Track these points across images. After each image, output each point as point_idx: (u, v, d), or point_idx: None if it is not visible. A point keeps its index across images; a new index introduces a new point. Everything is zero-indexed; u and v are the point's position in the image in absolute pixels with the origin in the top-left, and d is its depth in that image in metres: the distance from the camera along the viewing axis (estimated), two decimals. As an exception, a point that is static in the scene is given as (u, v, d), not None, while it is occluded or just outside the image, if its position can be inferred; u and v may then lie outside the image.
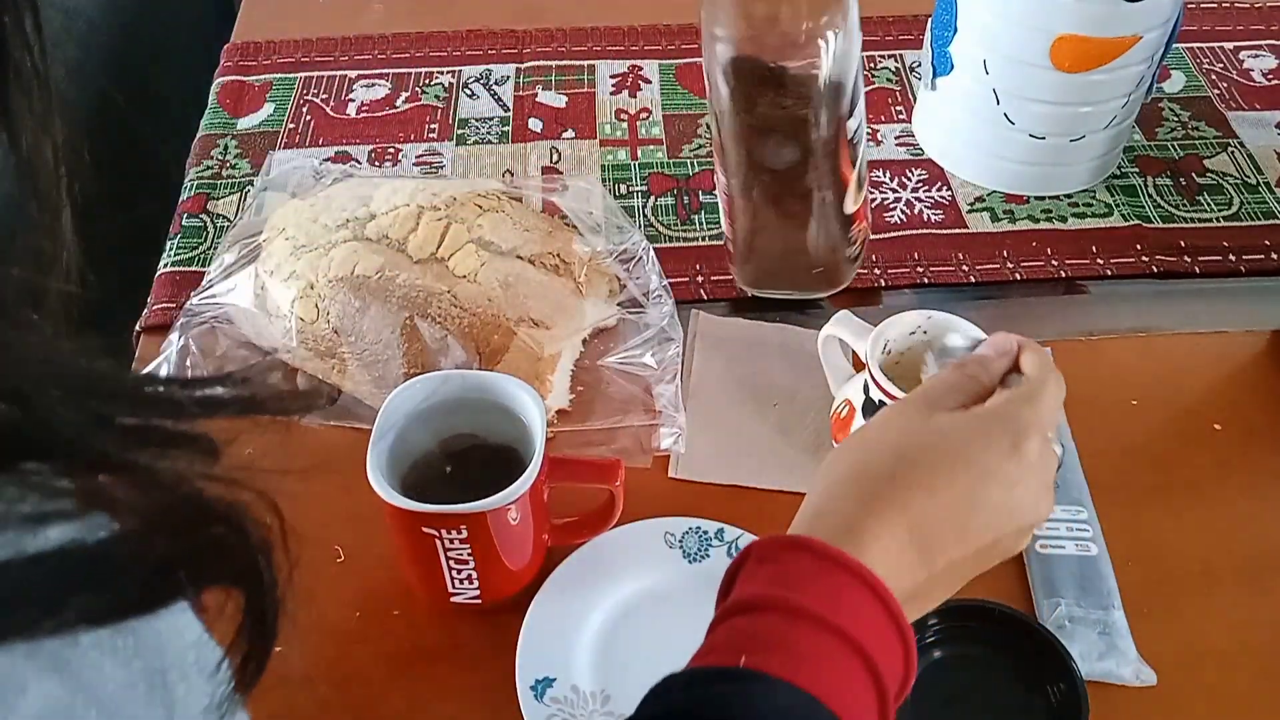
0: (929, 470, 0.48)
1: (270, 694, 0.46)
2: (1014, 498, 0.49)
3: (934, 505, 0.47)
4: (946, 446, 0.49)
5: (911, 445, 0.49)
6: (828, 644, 0.43)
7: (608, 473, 0.65)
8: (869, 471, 0.49)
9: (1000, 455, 0.49)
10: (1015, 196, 0.93)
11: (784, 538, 0.47)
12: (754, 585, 0.46)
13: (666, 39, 1.09)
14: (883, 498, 0.47)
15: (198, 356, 0.77)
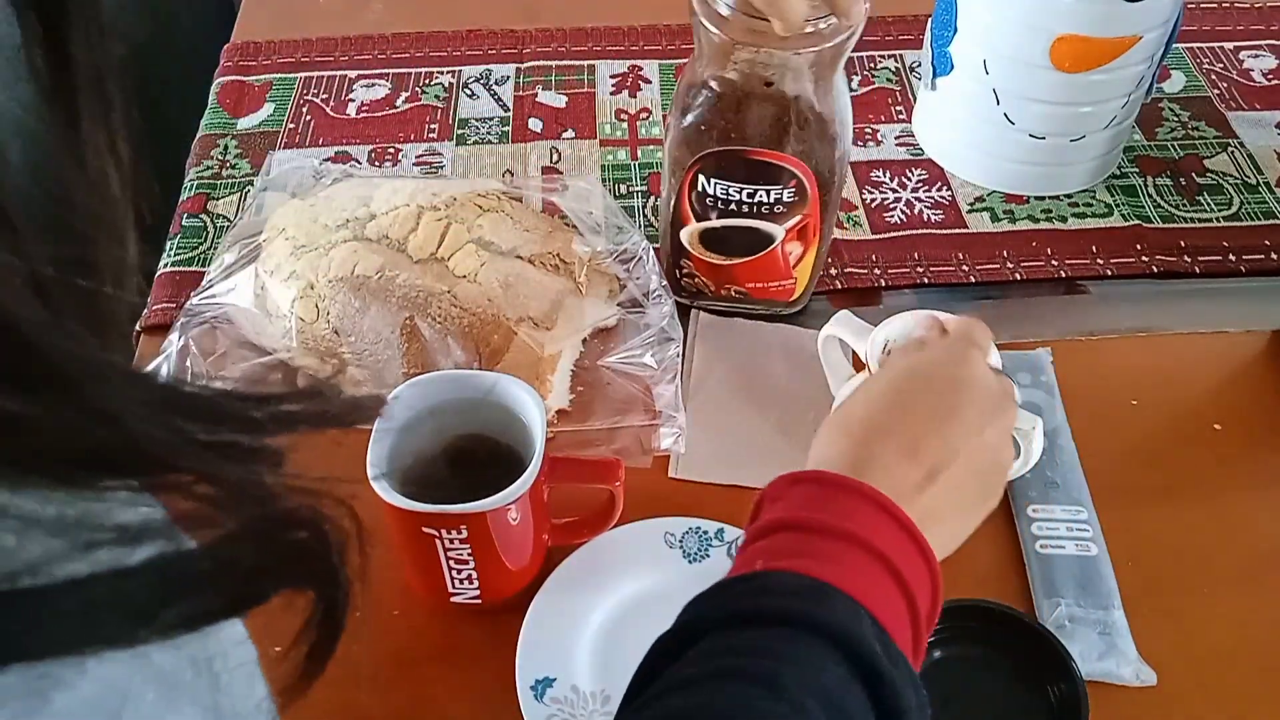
0: (896, 397, 0.54)
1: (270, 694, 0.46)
2: (972, 399, 0.54)
3: (911, 417, 0.53)
4: (902, 379, 0.55)
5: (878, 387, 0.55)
6: (853, 554, 0.46)
7: (608, 473, 0.65)
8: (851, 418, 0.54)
9: (947, 367, 0.55)
10: (1015, 196, 0.93)
11: (790, 475, 0.50)
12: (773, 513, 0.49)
13: (666, 39, 1.09)
14: (867, 431, 0.52)
15: (198, 356, 0.77)
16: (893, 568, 0.46)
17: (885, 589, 0.46)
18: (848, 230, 0.90)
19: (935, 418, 0.53)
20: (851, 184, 0.94)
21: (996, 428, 0.54)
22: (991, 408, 0.54)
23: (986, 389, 0.55)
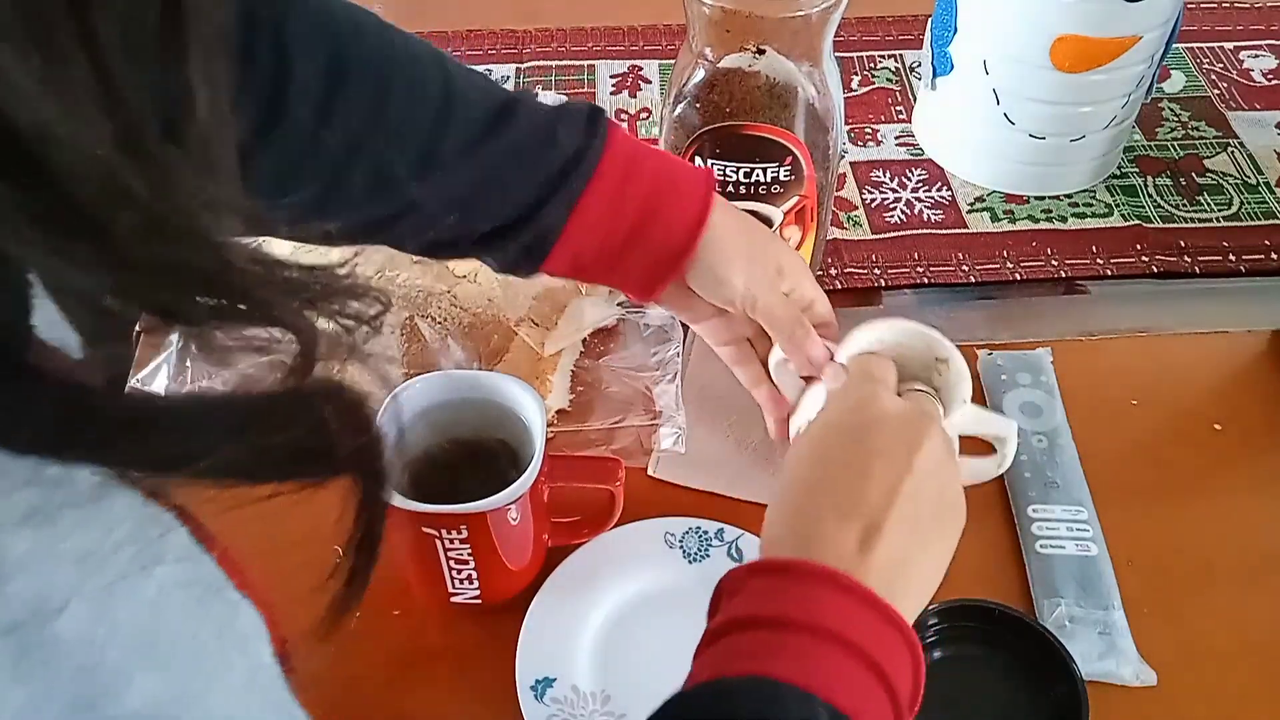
0: (817, 461, 0.53)
1: (270, 694, 0.46)
2: (886, 436, 0.52)
3: (834, 477, 0.51)
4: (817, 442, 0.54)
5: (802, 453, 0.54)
6: (820, 646, 0.44)
7: (608, 473, 0.65)
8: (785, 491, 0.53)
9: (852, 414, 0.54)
10: (1015, 196, 0.93)
11: (745, 566, 0.49)
12: (731, 609, 0.48)
13: (666, 39, 1.09)
14: (802, 501, 0.51)
15: (197, 356, 0.77)
16: (864, 654, 0.44)
17: (854, 676, 0.44)
18: (848, 230, 0.90)
19: (855, 469, 0.51)
20: (851, 184, 0.94)
21: (924, 452, 0.51)
22: (910, 436, 0.52)
23: (898, 420, 0.53)
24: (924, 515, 0.50)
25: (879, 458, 0.51)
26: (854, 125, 0.99)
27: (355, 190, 0.57)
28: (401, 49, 0.59)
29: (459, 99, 0.59)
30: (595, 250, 0.60)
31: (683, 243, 0.60)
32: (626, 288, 0.63)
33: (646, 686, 0.62)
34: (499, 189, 0.59)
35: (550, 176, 0.59)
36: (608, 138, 0.60)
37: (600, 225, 0.60)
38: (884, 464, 0.50)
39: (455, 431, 0.66)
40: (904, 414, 0.54)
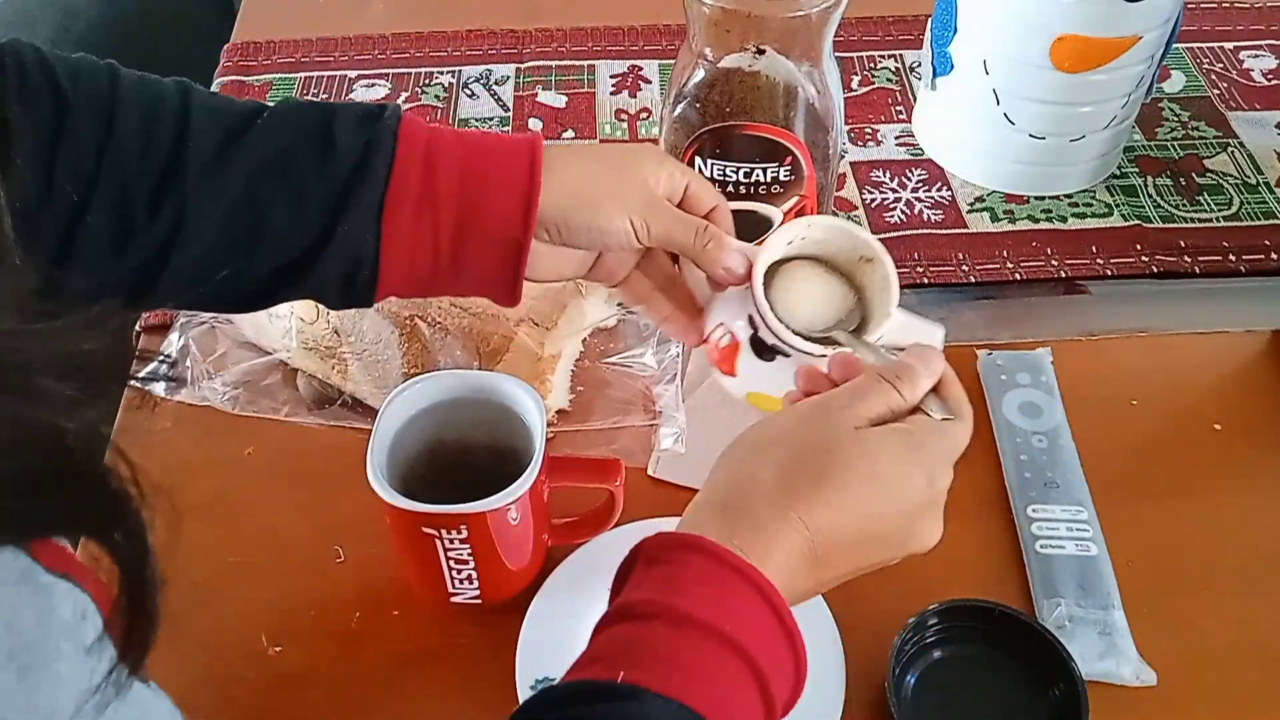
0: (845, 485, 0.47)
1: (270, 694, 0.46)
2: (913, 527, 0.49)
3: (840, 521, 0.47)
4: (867, 464, 0.47)
5: (837, 454, 0.48)
6: (714, 653, 0.43)
7: (608, 473, 0.65)
8: (795, 472, 0.47)
9: (915, 487, 0.48)
10: (1015, 196, 0.93)
11: (678, 537, 0.46)
12: (644, 589, 0.45)
13: (666, 39, 1.09)
14: (797, 505, 0.46)
15: (197, 356, 0.77)
16: (759, 674, 0.43)
17: (747, 698, 0.43)
18: (848, 230, 0.90)
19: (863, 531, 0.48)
20: (851, 184, 0.94)
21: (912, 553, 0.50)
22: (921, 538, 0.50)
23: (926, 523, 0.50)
24: (864, 572, 0.49)
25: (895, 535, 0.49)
26: (854, 125, 0.99)
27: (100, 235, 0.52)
28: (132, 80, 0.54)
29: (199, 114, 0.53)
30: (429, 257, 0.55)
31: (519, 217, 0.55)
32: (488, 290, 0.58)
33: (646, 686, 0.62)
34: (272, 204, 0.53)
35: (338, 184, 0.53)
36: (397, 131, 0.54)
37: (420, 228, 0.54)
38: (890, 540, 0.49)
39: (455, 432, 0.66)
40: (938, 508, 0.50)
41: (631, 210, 0.56)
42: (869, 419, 0.49)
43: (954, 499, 0.72)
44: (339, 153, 0.53)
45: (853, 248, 0.59)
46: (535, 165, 0.55)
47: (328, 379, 0.76)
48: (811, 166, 0.73)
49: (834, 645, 0.62)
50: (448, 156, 0.55)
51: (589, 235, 0.56)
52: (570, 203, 0.56)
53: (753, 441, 0.50)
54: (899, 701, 0.59)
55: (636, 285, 0.63)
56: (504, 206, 0.55)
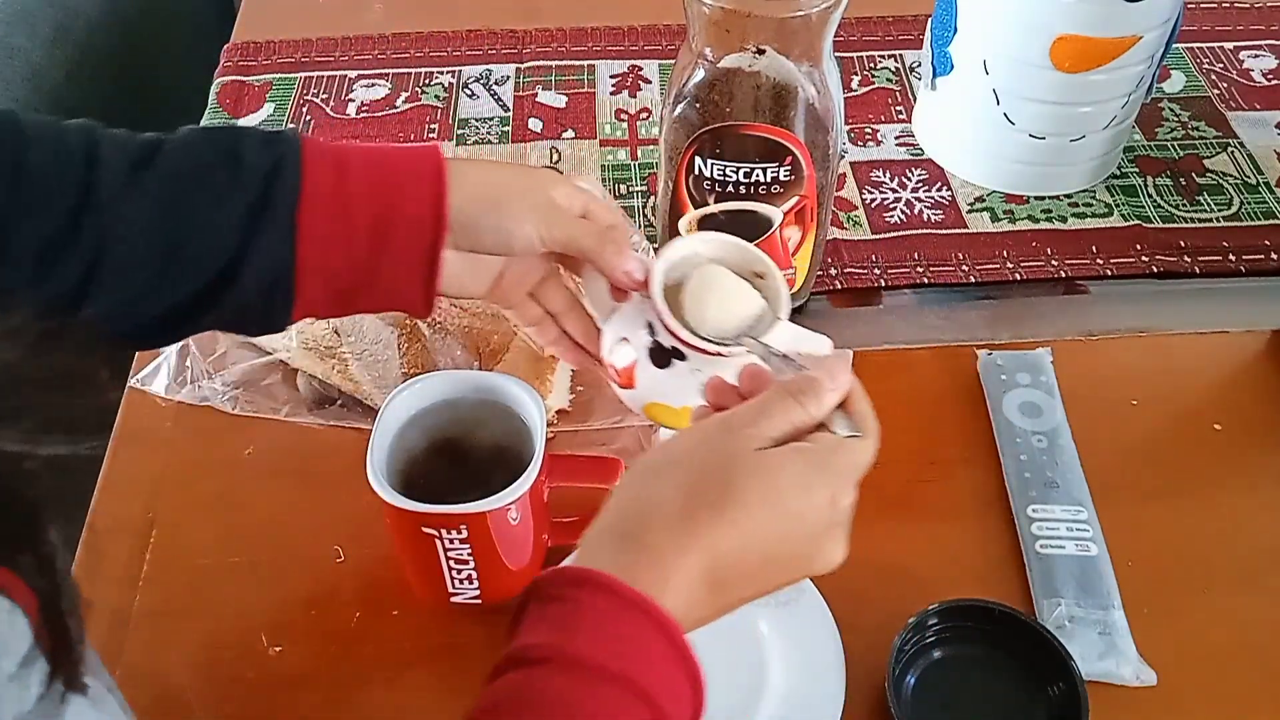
0: (746, 508, 0.46)
1: (271, 694, 0.46)
2: (816, 548, 0.48)
3: (741, 545, 0.46)
4: (769, 486, 0.46)
5: (738, 475, 0.46)
6: (609, 696, 0.42)
7: (608, 473, 0.65)
8: (696, 498, 0.46)
9: (817, 507, 0.47)
10: (1015, 196, 0.93)
11: (571, 572, 0.45)
12: (538, 631, 0.44)
13: (666, 39, 1.09)
14: (697, 530, 0.45)
15: (197, 356, 0.77)
16: (659, 712, 0.43)
17: None
18: (848, 230, 0.90)
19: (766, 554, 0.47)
20: (851, 184, 0.94)
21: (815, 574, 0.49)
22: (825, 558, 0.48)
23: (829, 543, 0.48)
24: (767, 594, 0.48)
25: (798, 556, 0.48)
26: (854, 125, 1.00)
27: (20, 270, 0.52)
28: (37, 121, 0.54)
29: (107, 146, 0.54)
30: (346, 267, 0.55)
31: (431, 218, 0.55)
32: (404, 299, 0.58)
33: (646, 686, 0.62)
34: (187, 224, 0.53)
35: (250, 197, 0.53)
36: (301, 146, 0.55)
37: (335, 236, 0.54)
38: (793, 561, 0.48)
39: (455, 432, 0.66)
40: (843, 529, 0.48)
41: (536, 213, 0.57)
42: (773, 437, 0.48)
43: (954, 499, 0.72)
44: (248, 168, 0.54)
45: (744, 262, 0.59)
46: (441, 168, 0.56)
47: (328, 379, 0.76)
48: (811, 166, 0.73)
49: (834, 645, 0.62)
50: (355, 165, 0.55)
51: (495, 237, 0.57)
52: (477, 206, 0.56)
53: (653, 464, 0.49)
54: (899, 701, 0.59)
55: (530, 310, 0.63)
56: (415, 209, 0.55)
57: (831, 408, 0.50)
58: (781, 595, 0.65)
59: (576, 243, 0.58)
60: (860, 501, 0.71)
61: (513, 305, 0.63)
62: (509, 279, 0.61)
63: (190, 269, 0.53)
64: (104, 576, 0.68)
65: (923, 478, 0.74)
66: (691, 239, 0.60)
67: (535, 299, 0.63)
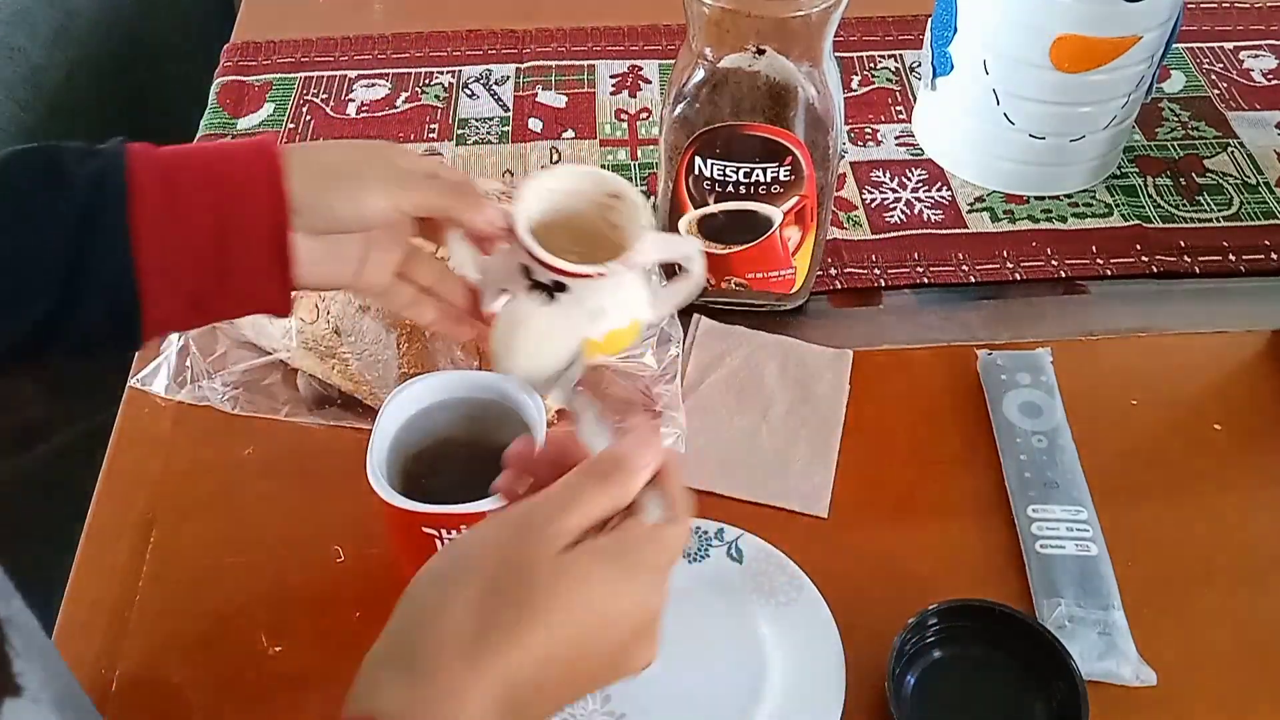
0: (548, 625, 0.42)
1: (271, 694, 0.46)
2: (625, 655, 0.45)
3: (542, 664, 0.42)
4: (570, 599, 0.43)
5: (537, 587, 0.42)
6: None
7: (608, 473, 0.65)
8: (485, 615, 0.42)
9: (625, 613, 0.44)
10: (1015, 196, 0.93)
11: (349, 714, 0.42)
12: None
13: (666, 39, 1.09)
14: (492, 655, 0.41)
15: (197, 356, 0.77)
16: None
17: None
18: (848, 230, 0.90)
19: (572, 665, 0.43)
20: (851, 184, 0.94)
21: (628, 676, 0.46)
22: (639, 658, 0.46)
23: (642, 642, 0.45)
24: None
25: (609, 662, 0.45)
26: (854, 125, 1.00)
27: None
28: None
29: None
30: (192, 271, 0.52)
31: (270, 202, 0.53)
32: (261, 300, 0.56)
33: (646, 686, 0.62)
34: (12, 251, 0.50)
35: (77, 210, 0.50)
36: (126, 152, 0.52)
37: (175, 240, 0.52)
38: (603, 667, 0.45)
39: (455, 431, 0.66)
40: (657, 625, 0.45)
41: (384, 180, 0.55)
42: (576, 531, 0.44)
43: (954, 499, 0.72)
44: (70, 181, 0.51)
45: (600, 188, 0.60)
46: (274, 155, 0.54)
47: (327, 379, 0.76)
48: (811, 166, 0.73)
49: (834, 645, 0.62)
50: (185, 164, 0.53)
51: (347, 211, 0.55)
52: (320, 184, 0.54)
53: (443, 571, 0.45)
54: (899, 701, 0.59)
55: (402, 291, 0.62)
56: (254, 197, 0.53)
57: (641, 486, 0.46)
58: (781, 595, 0.65)
59: (431, 202, 0.57)
60: (860, 501, 0.72)
61: (384, 290, 0.62)
62: (373, 262, 0.60)
63: (24, 299, 0.50)
64: (104, 576, 0.68)
65: (923, 478, 0.74)
66: (542, 177, 0.60)
67: (405, 279, 0.62)
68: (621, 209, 0.60)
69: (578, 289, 0.59)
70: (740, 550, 0.67)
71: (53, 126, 1.06)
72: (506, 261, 0.60)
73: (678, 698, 0.62)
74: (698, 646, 0.64)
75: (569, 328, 0.60)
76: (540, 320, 0.60)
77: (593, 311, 0.60)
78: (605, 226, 0.61)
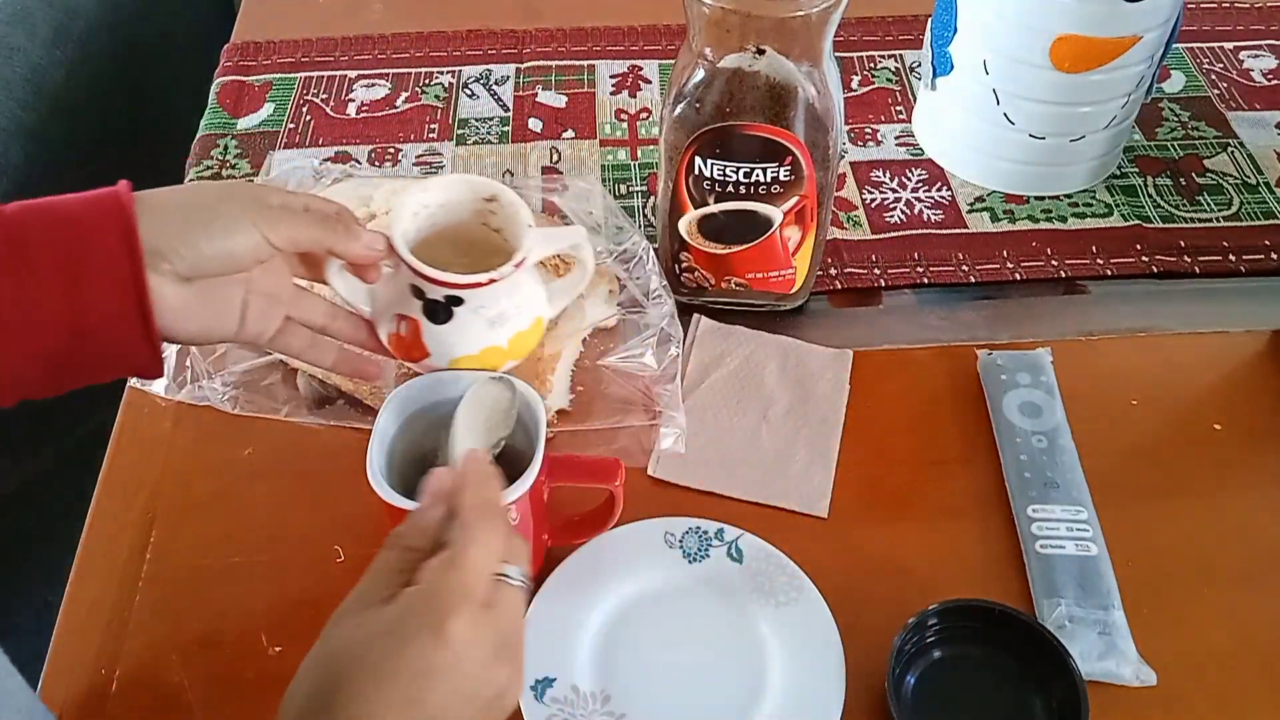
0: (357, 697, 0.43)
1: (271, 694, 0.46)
2: (462, 684, 0.45)
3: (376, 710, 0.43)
4: (369, 661, 0.44)
5: (338, 669, 0.44)
6: None
7: (608, 473, 0.65)
8: (315, 700, 0.44)
9: (425, 650, 0.44)
10: (1015, 196, 0.93)
11: None
12: None
13: (666, 39, 1.09)
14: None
15: (197, 356, 0.77)
16: None
17: None
18: (848, 230, 0.90)
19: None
20: (851, 184, 0.94)
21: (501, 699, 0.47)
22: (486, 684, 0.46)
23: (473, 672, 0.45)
24: None
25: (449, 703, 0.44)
26: (854, 125, 1.00)
27: None
28: None
29: None
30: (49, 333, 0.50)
31: (121, 248, 0.50)
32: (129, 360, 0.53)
33: (646, 686, 0.62)
34: None
35: None
36: None
37: (23, 301, 0.49)
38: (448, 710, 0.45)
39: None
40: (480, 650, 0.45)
41: (252, 217, 0.53)
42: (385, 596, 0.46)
43: (954, 499, 0.73)
44: None
45: (474, 193, 0.60)
46: (123, 202, 0.51)
47: (327, 379, 0.76)
48: (811, 166, 0.73)
49: (834, 645, 0.62)
50: (26, 217, 0.50)
51: (215, 249, 0.52)
52: (182, 224, 0.52)
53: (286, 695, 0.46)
54: (899, 701, 0.59)
55: (294, 335, 0.61)
56: (104, 244, 0.50)
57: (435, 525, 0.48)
58: (781, 595, 0.65)
59: (302, 234, 0.55)
60: (860, 501, 0.72)
61: (274, 337, 0.60)
62: (254, 308, 0.57)
63: None
64: (104, 576, 0.68)
65: (923, 478, 0.74)
66: (413, 191, 0.60)
67: (296, 323, 0.60)
68: (500, 211, 0.60)
69: (473, 299, 0.58)
70: (740, 550, 0.67)
71: (53, 126, 1.06)
72: (395, 285, 0.60)
73: (678, 697, 0.62)
74: (698, 646, 0.64)
75: (474, 339, 0.60)
76: (445, 338, 0.59)
77: (492, 319, 0.60)
78: (487, 232, 0.61)
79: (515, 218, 0.60)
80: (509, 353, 0.63)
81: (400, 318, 0.60)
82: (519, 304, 0.61)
